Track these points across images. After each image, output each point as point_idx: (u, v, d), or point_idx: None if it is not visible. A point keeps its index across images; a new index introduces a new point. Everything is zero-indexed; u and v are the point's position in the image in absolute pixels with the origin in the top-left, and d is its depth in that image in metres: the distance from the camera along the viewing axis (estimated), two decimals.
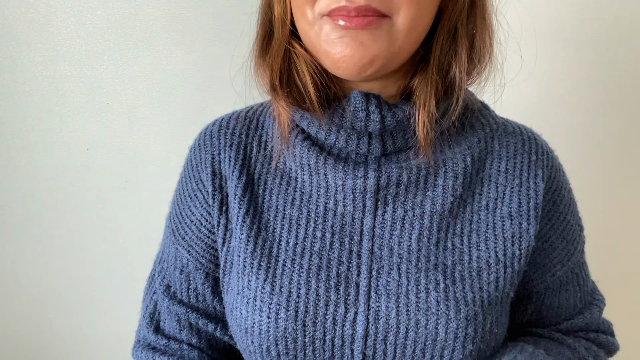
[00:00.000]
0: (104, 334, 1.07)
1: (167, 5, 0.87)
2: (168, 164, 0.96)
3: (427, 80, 0.48)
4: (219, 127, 0.58)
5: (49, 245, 1.00)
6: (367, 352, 0.49)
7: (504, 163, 0.54)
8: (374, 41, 0.44)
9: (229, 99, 0.93)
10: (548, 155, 0.55)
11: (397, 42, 0.45)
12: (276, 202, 0.53)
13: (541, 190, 0.53)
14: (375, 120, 0.48)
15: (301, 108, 0.50)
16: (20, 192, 0.97)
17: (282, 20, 0.48)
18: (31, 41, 0.88)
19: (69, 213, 0.98)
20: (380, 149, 0.50)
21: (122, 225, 0.99)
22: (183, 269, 0.57)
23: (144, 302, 0.62)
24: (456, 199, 0.51)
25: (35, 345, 1.07)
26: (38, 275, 1.02)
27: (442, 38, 0.47)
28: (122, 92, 0.92)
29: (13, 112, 0.92)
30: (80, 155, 0.95)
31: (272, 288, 0.49)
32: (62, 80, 0.90)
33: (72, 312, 1.05)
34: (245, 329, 0.50)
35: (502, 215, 0.52)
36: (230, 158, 0.55)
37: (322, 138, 0.51)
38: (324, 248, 0.51)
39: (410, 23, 0.44)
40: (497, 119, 0.57)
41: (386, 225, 0.51)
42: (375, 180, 0.50)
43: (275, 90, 0.50)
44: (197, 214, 0.56)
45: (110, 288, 1.04)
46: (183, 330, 0.57)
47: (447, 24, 0.47)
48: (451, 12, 0.47)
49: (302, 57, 0.49)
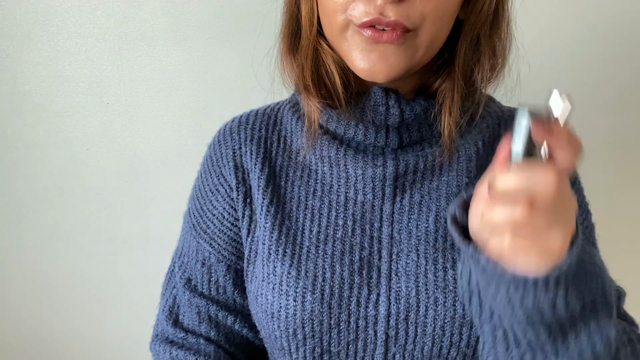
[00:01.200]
0: (104, 334, 1.07)
1: (167, 5, 0.87)
2: (168, 164, 0.96)
3: (453, 86, 0.50)
4: (238, 123, 0.60)
5: (49, 245, 1.00)
6: (389, 333, 0.50)
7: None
8: (399, 55, 0.47)
9: (229, 98, 0.93)
10: None
11: (418, 54, 0.48)
12: (298, 193, 0.55)
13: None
14: (395, 114, 0.51)
15: (329, 106, 0.53)
16: (20, 191, 0.97)
17: (310, 20, 0.50)
18: (31, 41, 0.88)
19: (69, 213, 0.98)
20: (397, 142, 0.52)
21: (122, 225, 1.00)
22: (205, 261, 0.59)
23: (162, 297, 0.63)
24: (471, 180, 0.54)
25: (35, 345, 1.07)
26: (38, 275, 1.02)
27: (465, 47, 0.50)
28: (122, 92, 0.92)
29: (13, 112, 0.92)
30: (80, 155, 0.95)
31: (297, 273, 0.51)
32: (62, 80, 0.90)
33: (72, 312, 1.05)
34: (272, 314, 0.52)
35: None
36: (251, 151, 0.57)
37: (341, 132, 0.53)
38: (346, 235, 0.53)
39: (431, 37, 0.47)
40: (503, 107, 0.60)
41: (404, 210, 0.53)
42: (394, 168, 0.52)
43: (308, 90, 0.52)
44: (219, 208, 0.58)
45: (111, 288, 1.04)
46: (202, 323, 0.58)
47: (469, 34, 0.50)
48: (473, 23, 0.49)
49: (331, 56, 0.51)
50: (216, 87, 0.92)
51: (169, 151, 0.95)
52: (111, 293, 1.04)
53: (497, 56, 0.52)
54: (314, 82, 0.51)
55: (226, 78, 0.92)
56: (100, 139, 0.94)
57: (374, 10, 0.44)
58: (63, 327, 1.06)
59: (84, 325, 1.06)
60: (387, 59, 0.46)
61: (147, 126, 0.94)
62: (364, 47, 0.47)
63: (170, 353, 0.57)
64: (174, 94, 0.92)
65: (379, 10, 0.44)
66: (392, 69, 0.47)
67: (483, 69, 0.51)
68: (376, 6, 0.44)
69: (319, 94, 0.52)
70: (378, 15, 0.44)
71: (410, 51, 0.47)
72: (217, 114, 0.93)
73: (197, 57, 0.90)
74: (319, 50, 0.51)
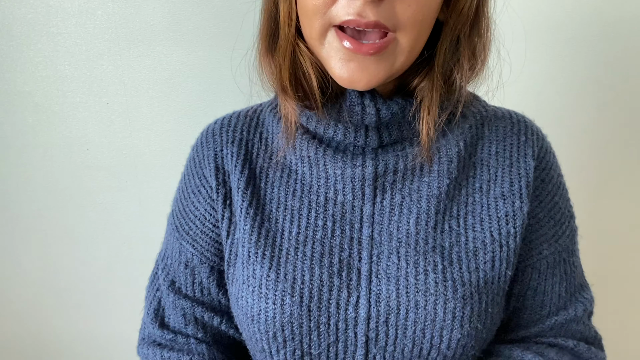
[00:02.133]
0: (104, 334, 1.07)
1: (167, 5, 0.87)
2: (168, 164, 0.96)
3: (432, 86, 0.50)
4: (220, 125, 0.60)
5: (49, 245, 1.00)
6: (369, 335, 0.50)
7: (494, 146, 0.56)
8: (378, 65, 0.46)
9: (228, 98, 0.93)
10: (538, 136, 0.57)
11: (399, 62, 0.47)
12: (278, 194, 0.55)
13: (532, 169, 0.55)
14: (371, 113, 0.51)
15: (306, 107, 0.52)
16: (20, 192, 0.97)
17: (288, 21, 0.49)
18: (31, 41, 0.88)
19: (69, 213, 0.98)
20: (377, 141, 0.52)
21: (122, 225, 1.00)
22: (188, 263, 0.58)
23: (146, 299, 0.62)
24: (452, 182, 0.53)
25: (35, 345, 1.07)
26: (38, 275, 1.02)
27: (445, 48, 0.49)
28: (122, 92, 0.92)
29: (13, 112, 0.92)
30: (80, 155, 0.95)
31: (276, 275, 0.51)
32: (62, 80, 0.90)
33: (72, 312, 1.05)
34: (252, 317, 0.51)
35: (496, 195, 0.54)
36: (232, 153, 0.56)
37: (320, 132, 0.53)
38: (325, 236, 0.52)
39: (412, 42, 0.46)
40: (488, 107, 0.59)
41: (385, 211, 0.52)
42: (373, 168, 0.52)
43: (285, 91, 0.52)
44: (200, 209, 0.58)
45: (111, 288, 1.04)
46: (189, 324, 0.58)
47: (449, 35, 0.49)
48: (453, 25, 0.49)
49: (308, 58, 0.50)
50: (216, 87, 0.92)
51: (169, 151, 0.95)
52: (111, 293, 1.04)
53: (476, 56, 0.51)
54: (292, 83, 0.51)
55: (226, 78, 0.92)
56: (100, 139, 0.94)
57: (353, 11, 0.43)
58: (63, 327, 1.06)
59: (83, 325, 1.06)
60: (366, 68, 0.46)
61: (147, 126, 0.94)
62: (342, 56, 0.46)
63: (162, 356, 0.57)
64: (174, 94, 0.92)
65: (358, 11, 0.43)
66: (372, 79, 0.46)
67: (462, 69, 0.51)
68: (355, 7, 0.43)
69: (297, 96, 0.51)
70: (357, 17, 0.43)
71: (391, 60, 0.47)
72: (217, 114, 0.93)
73: (197, 57, 0.90)
74: (296, 52, 0.50)
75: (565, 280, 0.59)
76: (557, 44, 0.92)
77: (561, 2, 0.90)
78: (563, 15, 0.90)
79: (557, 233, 0.57)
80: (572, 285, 0.60)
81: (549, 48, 0.92)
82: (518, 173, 0.54)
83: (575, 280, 0.60)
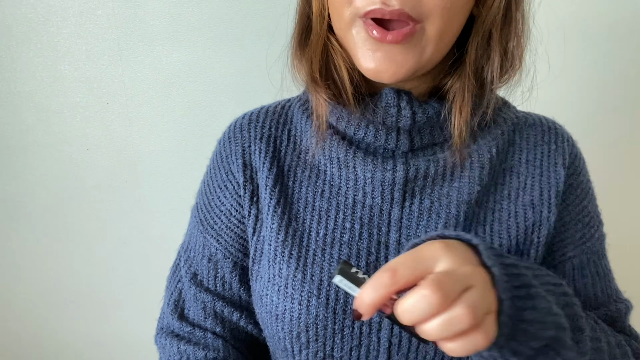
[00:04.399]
0: (104, 334, 1.07)
1: (167, 5, 0.87)
2: (168, 164, 0.96)
3: (464, 85, 0.49)
4: (248, 120, 0.59)
5: (49, 245, 1.00)
6: (392, 340, 0.50)
7: (525, 154, 0.55)
8: (405, 55, 0.46)
9: (228, 98, 0.93)
10: (568, 143, 0.57)
11: (427, 52, 0.46)
12: (306, 194, 0.54)
13: (562, 178, 0.54)
14: (407, 116, 0.50)
15: (337, 102, 0.52)
16: (20, 192, 0.97)
17: (321, 16, 0.50)
18: (31, 41, 0.88)
19: (69, 213, 0.98)
20: (408, 145, 0.52)
21: (122, 225, 1.00)
22: (211, 257, 0.58)
23: (167, 290, 0.62)
24: (483, 188, 0.52)
25: (35, 345, 1.07)
26: (38, 275, 1.02)
27: (476, 43, 0.49)
28: (122, 92, 0.92)
29: (13, 112, 0.92)
30: (80, 155, 0.95)
31: (303, 276, 0.51)
32: (62, 80, 0.90)
33: (72, 312, 1.05)
34: (276, 316, 0.51)
35: (524, 203, 0.53)
36: (260, 150, 0.56)
37: (350, 133, 0.52)
38: (353, 239, 0.52)
39: (440, 31, 0.45)
40: (518, 113, 0.58)
41: (413, 216, 0.52)
42: (404, 173, 0.51)
43: (316, 82, 0.51)
44: (226, 204, 0.57)
45: (110, 288, 1.04)
46: (208, 318, 0.58)
47: (481, 30, 0.49)
48: (485, 19, 0.48)
49: (339, 53, 0.50)
50: (216, 87, 0.92)
51: (169, 151, 0.95)
52: (111, 293, 1.04)
53: (508, 55, 0.50)
54: (322, 74, 0.51)
55: (226, 78, 0.92)
56: (100, 139, 0.94)
57: (377, 0, 0.43)
58: (63, 327, 1.06)
59: (84, 325, 1.06)
60: (393, 58, 0.45)
61: (147, 126, 0.94)
62: (369, 45, 0.46)
63: (178, 347, 0.57)
64: (174, 94, 0.92)
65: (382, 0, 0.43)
66: (399, 69, 0.46)
67: (493, 67, 0.50)
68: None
69: (327, 86, 0.51)
70: (381, 6, 0.43)
71: (418, 49, 0.46)
72: (217, 114, 0.93)
73: (197, 57, 0.90)
74: (328, 46, 0.51)
75: (599, 282, 0.58)
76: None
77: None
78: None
79: (585, 236, 0.56)
80: (609, 288, 0.59)
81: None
82: (548, 182, 0.54)
83: (611, 284, 0.59)
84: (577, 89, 0.94)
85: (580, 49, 0.92)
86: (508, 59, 0.51)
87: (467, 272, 0.36)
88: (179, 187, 0.97)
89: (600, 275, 0.58)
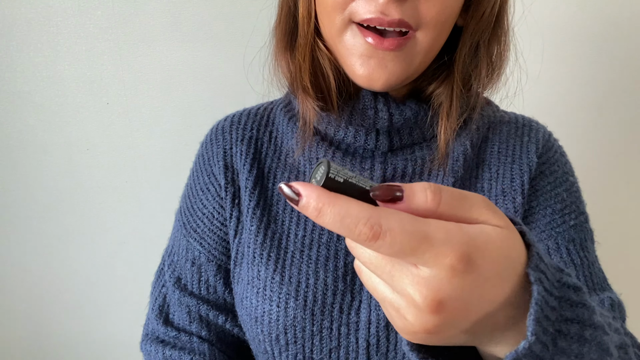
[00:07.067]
0: (104, 334, 1.07)
1: (167, 5, 0.87)
2: (168, 164, 0.96)
3: (451, 93, 0.50)
4: (230, 122, 0.59)
5: (49, 245, 1.00)
6: (370, 340, 0.50)
7: (497, 147, 0.56)
8: (397, 62, 0.46)
9: (229, 98, 0.93)
10: (543, 136, 0.57)
11: (416, 62, 0.47)
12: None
13: (534, 165, 0.54)
14: (384, 117, 0.50)
15: (322, 109, 0.52)
16: (20, 192, 0.97)
17: (307, 18, 0.49)
18: (31, 41, 0.88)
19: (69, 213, 0.98)
20: (387, 145, 0.52)
21: (122, 225, 0.99)
22: (194, 261, 0.58)
23: (152, 295, 0.62)
24: (457, 180, 0.53)
25: (35, 345, 1.07)
26: (38, 275, 1.02)
27: (464, 54, 0.49)
28: (122, 92, 0.92)
29: (13, 112, 0.92)
30: (80, 155, 0.95)
31: (281, 278, 0.51)
32: (62, 80, 0.90)
33: (72, 312, 1.05)
34: (255, 318, 0.51)
35: (497, 193, 0.54)
36: (241, 152, 0.56)
37: (331, 133, 0.53)
38: (331, 240, 0.52)
39: (430, 43, 0.46)
40: (497, 112, 0.59)
41: None
42: (382, 172, 0.52)
43: (306, 92, 0.51)
44: (209, 207, 0.57)
45: (110, 288, 1.04)
46: (193, 322, 0.58)
47: (469, 41, 0.49)
48: (473, 30, 0.49)
49: (327, 58, 0.50)
50: (216, 87, 0.92)
51: (169, 151, 0.95)
52: (111, 293, 1.04)
53: (494, 63, 0.51)
54: (312, 83, 0.50)
55: (226, 78, 0.92)
56: (100, 139, 0.94)
57: (375, 9, 0.43)
58: (63, 327, 1.06)
59: (84, 325, 1.06)
60: (385, 65, 0.46)
61: (147, 126, 0.94)
62: (363, 51, 0.46)
63: (164, 353, 0.57)
64: (174, 94, 0.92)
65: (381, 9, 0.43)
66: (391, 77, 0.46)
67: (480, 76, 0.51)
68: (378, 5, 0.43)
69: (317, 97, 0.51)
70: (379, 15, 0.43)
71: (409, 58, 0.46)
72: (217, 114, 0.93)
73: (197, 57, 0.90)
74: (316, 51, 0.50)
75: (574, 271, 0.54)
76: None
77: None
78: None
79: (555, 221, 0.55)
80: (590, 281, 0.55)
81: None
82: (520, 169, 0.54)
83: (592, 277, 0.55)
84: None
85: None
86: (494, 67, 0.52)
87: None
88: (178, 187, 0.97)
89: (577, 265, 0.55)
